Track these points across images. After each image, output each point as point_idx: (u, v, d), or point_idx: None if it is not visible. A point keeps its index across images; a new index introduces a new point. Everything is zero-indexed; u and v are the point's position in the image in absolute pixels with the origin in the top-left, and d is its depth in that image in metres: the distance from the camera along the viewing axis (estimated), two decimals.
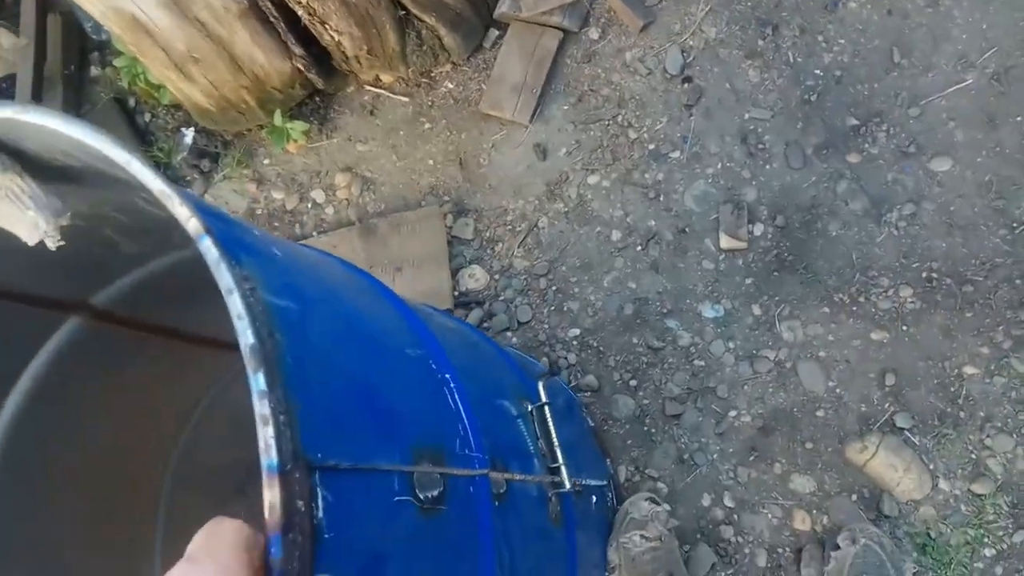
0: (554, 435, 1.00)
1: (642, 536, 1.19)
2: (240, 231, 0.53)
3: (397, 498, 0.52)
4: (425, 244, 1.54)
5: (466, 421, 0.68)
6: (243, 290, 0.43)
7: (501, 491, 0.73)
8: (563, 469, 0.99)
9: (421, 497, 0.55)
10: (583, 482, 1.15)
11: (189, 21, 1.48)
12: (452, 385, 0.70)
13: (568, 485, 0.99)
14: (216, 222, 0.48)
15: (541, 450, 0.98)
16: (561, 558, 1.01)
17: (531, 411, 0.97)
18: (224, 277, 0.43)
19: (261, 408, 0.40)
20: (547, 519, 0.97)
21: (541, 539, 0.96)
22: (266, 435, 0.39)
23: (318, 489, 0.43)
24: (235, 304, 0.42)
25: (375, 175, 1.65)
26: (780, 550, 1.29)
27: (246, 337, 0.41)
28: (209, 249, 0.44)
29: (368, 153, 1.66)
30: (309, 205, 1.66)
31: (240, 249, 0.48)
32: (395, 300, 0.77)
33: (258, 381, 0.40)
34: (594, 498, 1.21)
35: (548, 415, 0.99)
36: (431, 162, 1.62)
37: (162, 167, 1.74)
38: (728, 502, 1.32)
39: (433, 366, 0.69)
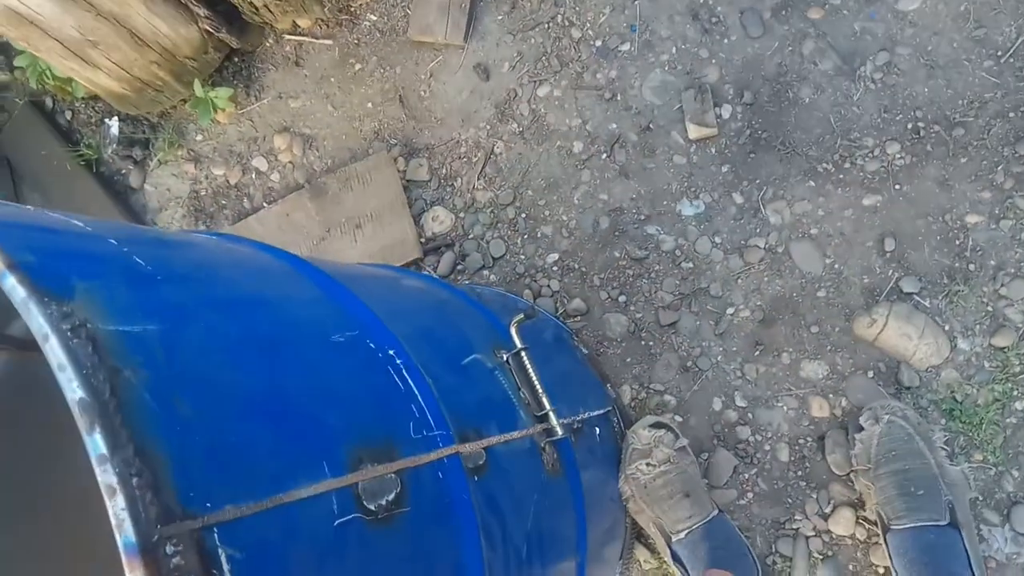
0: (536, 380, 0.94)
1: (648, 464, 1.14)
2: (81, 245, 0.44)
3: (339, 521, 0.45)
4: (380, 194, 1.44)
5: (420, 398, 0.61)
6: (62, 332, 0.34)
7: (480, 463, 0.67)
8: (551, 415, 0.92)
9: (371, 508, 0.48)
10: (582, 418, 1.09)
11: (75, 2, 1.34)
12: (399, 361, 0.62)
13: (560, 431, 0.92)
14: (39, 243, 0.39)
15: (525, 400, 0.92)
16: (566, 507, 0.96)
17: (507, 360, 0.90)
18: (34, 320, 0.34)
19: (104, 477, 0.32)
20: (543, 472, 0.91)
21: (541, 495, 0.90)
22: (115, 508, 0.32)
23: (219, 550, 0.36)
24: (53, 352, 0.34)
25: (315, 130, 1.53)
26: (801, 441, 1.23)
27: (72, 391, 0.33)
28: (14, 288, 0.35)
29: (302, 108, 1.54)
30: (253, 175, 1.56)
31: (73, 273, 0.39)
32: (321, 279, 0.68)
33: (95, 444, 0.32)
34: (598, 430, 1.15)
35: (527, 360, 0.92)
36: (370, 105, 1.50)
37: (94, 164, 1.63)
38: (740, 402, 1.26)
39: (371, 345, 0.61)
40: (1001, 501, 1.16)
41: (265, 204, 1.54)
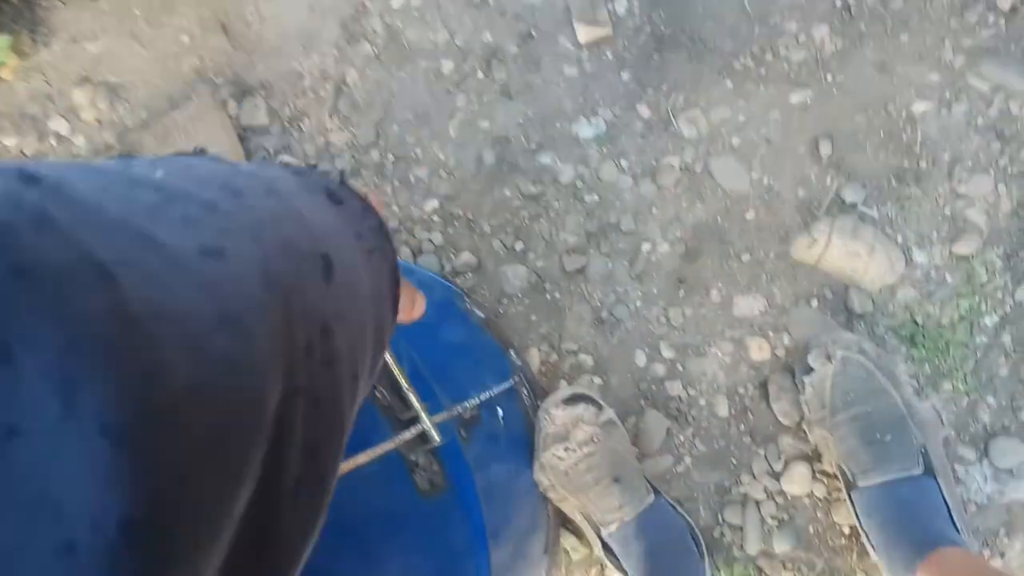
0: (398, 373, 0.70)
1: (567, 449, 0.92)
2: None
3: None
4: (209, 149, 1.16)
5: None
6: None
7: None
8: (424, 418, 0.69)
9: None
10: (475, 403, 0.86)
11: None
12: None
13: (437, 438, 0.70)
14: None
15: (383, 402, 0.69)
16: (455, 529, 0.74)
17: None
18: None
19: None
20: (415, 495, 0.68)
21: (413, 529, 0.68)
22: None
23: None
24: None
25: (122, 77, 1.23)
26: (741, 391, 1.04)
27: None
28: None
29: (104, 52, 1.23)
30: (53, 142, 1.25)
31: None
32: None
33: None
34: (500, 411, 0.93)
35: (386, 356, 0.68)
36: (186, 39, 1.20)
37: None
38: (667, 353, 1.06)
39: None
40: (976, 435, 0.99)
41: None
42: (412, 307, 0.54)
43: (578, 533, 1.05)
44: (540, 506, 1.00)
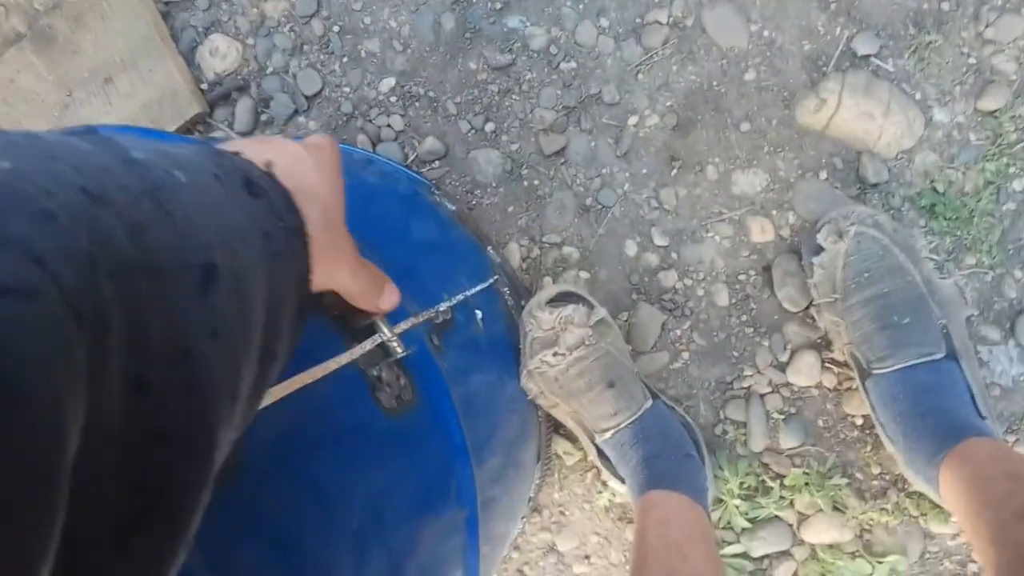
0: None
1: (556, 354, 0.82)
2: None
3: None
4: (129, 29, 1.01)
5: None
6: None
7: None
8: (381, 326, 0.59)
9: None
10: (448, 305, 0.75)
11: None
12: None
13: (399, 349, 0.59)
14: None
15: (333, 314, 0.58)
16: (431, 449, 0.64)
17: None
18: None
19: None
20: (380, 417, 0.58)
21: (377, 453, 0.58)
22: None
23: None
24: None
25: None
26: (742, 277, 0.94)
27: None
28: None
29: None
30: None
31: None
32: None
33: None
34: (479, 313, 0.82)
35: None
36: None
37: None
38: (659, 240, 0.95)
39: None
40: (1002, 312, 0.89)
41: None
42: (380, 295, 0.52)
43: (571, 437, 0.97)
44: (529, 413, 0.91)
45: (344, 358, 0.56)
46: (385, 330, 0.60)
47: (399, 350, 0.60)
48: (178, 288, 0.27)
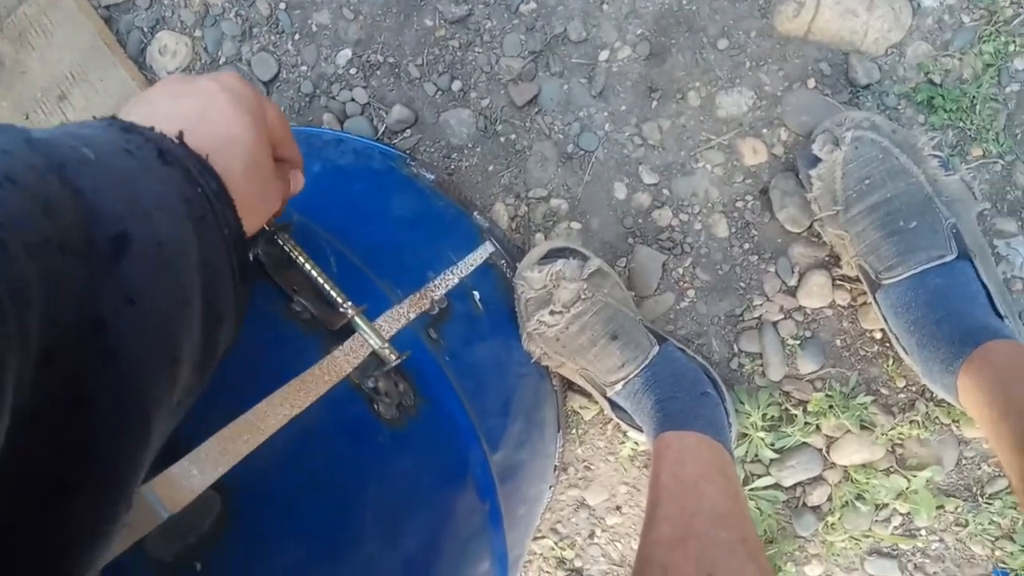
0: (312, 270, 0.57)
1: (552, 313, 0.79)
2: None
3: None
4: (73, 41, 0.97)
5: None
6: None
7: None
8: (358, 323, 0.57)
9: None
10: (440, 292, 0.73)
11: None
12: None
13: (393, 356, 0.57)
14: None
15: (304, 319, 0.55)
16: (443, 447, 0.63)
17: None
18: None
19: None
20: (381, 432, 0.56)
21: (378, 473, 0.56)
22: None
23: None
24: None
25: None
26: (740, 204, 0.90)
27: None
28: None
29: None
30: None
31: None
32: None
33: None
34: (477, 294, 0.80)
35: (290, 246, 0.55)
36: None
37: None
38: (648, 178, 0.91)
39: None
40: (1016, 202, 0.85)
41: None
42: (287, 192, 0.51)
43: (585, 392, 0.95)
44: (539, 379, 0.89)
45: (330, 375, 0.53)
46: (373, 338, 0.57)
47: (392, 357, 0.58)
48: (89, 261, 0.27)
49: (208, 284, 0.35)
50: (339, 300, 0.57)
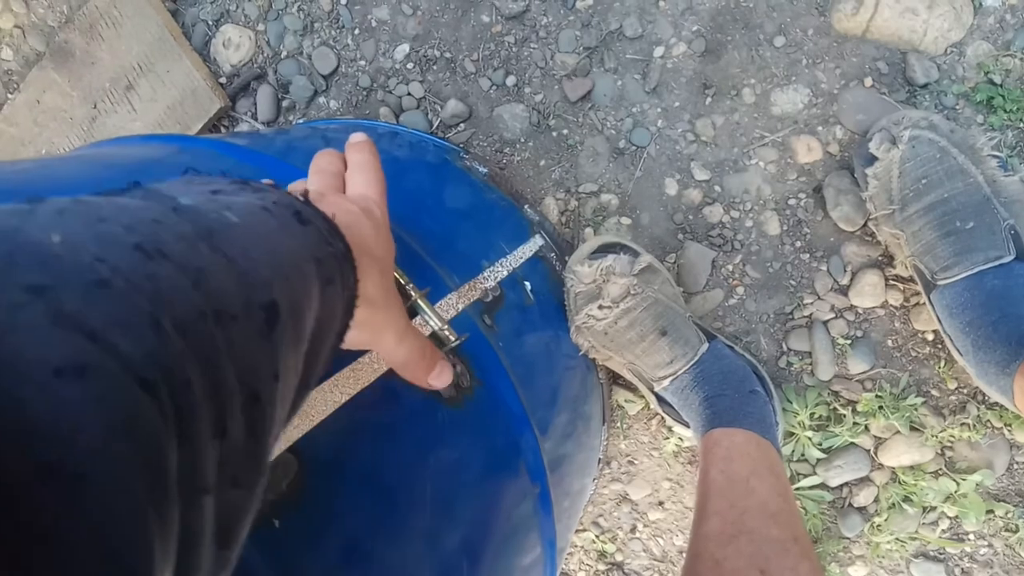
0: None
1: (601, 307, 0.80)
2: None
3: None
4: (140, 33, 1.01)
5: None
6: None
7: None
8: (420, 304, 0.58)
9: None
10: (492, 282, 0.74)
11: None
12: None
13: (452, 338, 0.59)
14: None
15: None
16: (492, 427, 0.64)
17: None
18: None
19: None
20: (441, 410, 0.58)
21: (434, 450, 0.57)
22: None
23: None
24: None
25: None
26: (792, 202, 0.90)
27: None
28: None
29: None
30: None
31: None
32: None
33: None
34: (528, 284, 0.81)
35: None
36: None
37: None
38: (700, 174, 0.91)
39: None
40: None
41: (9, 96, 1.10)
42: (429, 371, 0.51)
43: (630, 386, 0.95)
44: (586, 372, 0.90)
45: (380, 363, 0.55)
46: (434, 319, 0.59)
47: (452, 338, 0.60)
48: (245, 331, 0.26)
49: (312, 351, 0.34)
50: (402, 282, 0.58)
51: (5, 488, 0.15)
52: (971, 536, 0.89)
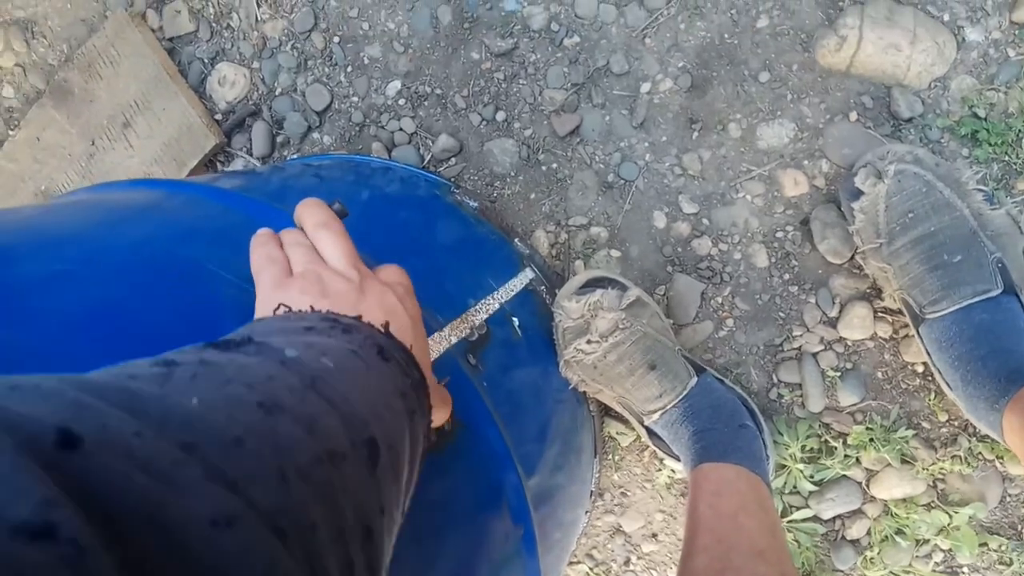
0: None
1: (589, 342, 0.81)
2: None
3: None
4: (138, 71, 1.02)
5: None
6: None
7: None
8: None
9: None
10: (480, 318, 0.75)
11: None
12: None
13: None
14: None
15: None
16: (475, 471, 0.64)
17: None
18: None
19: None
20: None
21: (419, 506, 0.58)
22: None
23: None
24: None
25: (29, 9, 1.09)
26: (780, 235, 0.90)
27: None
28: None
29: None
30: None
31: None
32: None
33: None
34: (516, 320, 0.81)
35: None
36: None
37: None
38: (688, 207, 0.92)
39: None
40: None
41: (10, 132, 1.12)
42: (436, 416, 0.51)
43: (622, 418, 0.96)
44: (575, 406, 0.90)
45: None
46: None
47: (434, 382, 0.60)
48: (354, 469, 0.29)
49: (409, 479, 0.36)
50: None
51: None
52: (965, 569, 0.88)
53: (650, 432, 0.86)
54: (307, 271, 0.43)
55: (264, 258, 0.45)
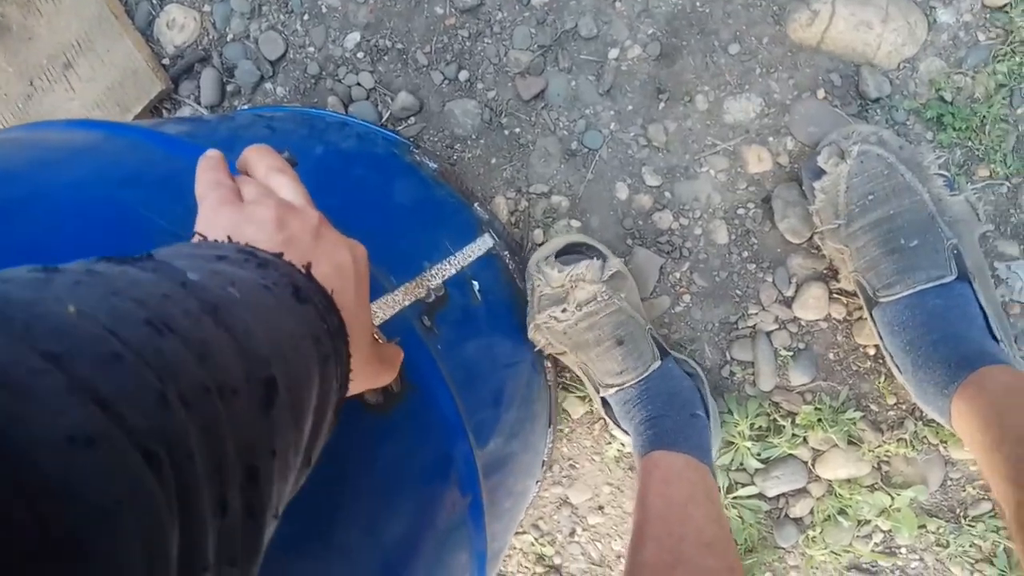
0: None
1: (564, 311, 0.79)
2: None
3: None
4: (80, 8, 0.96)
5: None
6: None
7: None
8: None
9: None
10: (437, 281, 0.72)
11: None
12: None
13: (380, 340, 0.57)
14: None
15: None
16: (425, 434, 0.62)
17: None
18: None
19: None
20: (364, 418, 0.56)
21: (363, 466, 0.56)
22: None
23: None
24: None
25: None
26: (741, 211, 0.89)
27: None
28: None
29: None
30: None
31: None
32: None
33: None
34: (476, 284, 0.79)
35: None
36: None
37: None
38: (651, 180, 0.90)
39: None
40: (1020, 225, 0.84)
41: None
42: (379, 375, 0.48)
43: (579, 384, 0.95)
44: (536, 370, 0.89)
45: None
46: None
47: (381, 341, 0.58)
48: (245, 405, 0.27)
49: (314, 429, 0.34)
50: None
51: (8, 544, 0.16)
52: (903, 550, 0.90)
53: (604, 401, 0.85)
54: (261, 198, 0.40)
55: (212, 183, 0.42)
